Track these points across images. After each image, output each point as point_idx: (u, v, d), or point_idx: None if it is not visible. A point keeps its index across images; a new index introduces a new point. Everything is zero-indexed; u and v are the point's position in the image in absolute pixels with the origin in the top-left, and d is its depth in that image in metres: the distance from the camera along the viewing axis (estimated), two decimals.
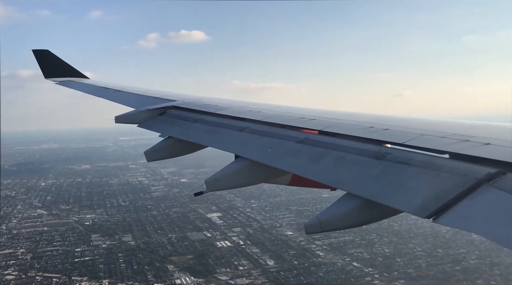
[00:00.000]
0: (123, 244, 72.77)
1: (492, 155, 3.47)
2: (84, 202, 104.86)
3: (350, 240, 74.88)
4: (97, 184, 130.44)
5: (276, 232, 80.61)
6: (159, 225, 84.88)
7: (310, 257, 67.41)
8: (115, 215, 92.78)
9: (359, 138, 4.69)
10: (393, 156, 4.02)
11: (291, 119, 6.00)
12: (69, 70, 14.58)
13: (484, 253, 67.07)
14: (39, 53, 14.32)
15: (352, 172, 4.12)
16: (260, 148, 5.36)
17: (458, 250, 69.20)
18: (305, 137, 5.14)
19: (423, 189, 3.37)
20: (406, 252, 68.79)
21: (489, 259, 64.99)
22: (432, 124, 5.03)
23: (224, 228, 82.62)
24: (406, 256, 67.20)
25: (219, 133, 6.42)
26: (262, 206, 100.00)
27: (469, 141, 3.93)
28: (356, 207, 3.78)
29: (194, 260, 65.56)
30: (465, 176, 3.26)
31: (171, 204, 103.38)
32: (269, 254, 68.62)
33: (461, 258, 66.08)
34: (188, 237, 76.62)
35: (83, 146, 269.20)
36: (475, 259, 65.20)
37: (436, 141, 4.13)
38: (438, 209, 3.05)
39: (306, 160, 4.70)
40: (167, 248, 70.98)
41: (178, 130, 7.18)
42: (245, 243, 74.26)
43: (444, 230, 79.47)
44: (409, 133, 4.52)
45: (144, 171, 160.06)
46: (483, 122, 5.01)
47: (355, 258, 66.79)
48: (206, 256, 67.29)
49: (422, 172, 3.60)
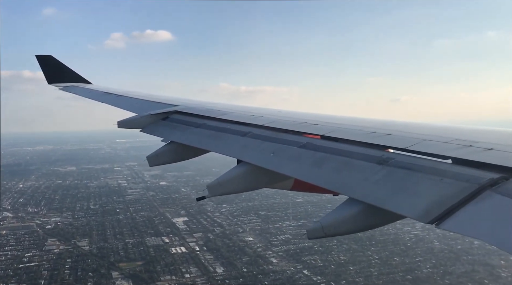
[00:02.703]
0: (76, 249, 71.80)
1: (495, 160, 3.47)
2: (55, 205, 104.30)
3: (308, 247, 73.37)
4: (75, 186, 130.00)
5: (237, 237, 79.31)
6: (121, 229, 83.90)
7: (262, 264, 65.98)
8: (81, 218, 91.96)
9: (362, 143, 4.68)
10: (395, 161, 4.01)
11: (294, 124, 6.02)
12: (72, 76, 14.80)
13: (440, 262, 65.25)
14: (43, 59, 14.51)
15: (355, 177, 4.10)
16: (262, 152, 5.39)
17: (415, 258, 67.41)
18: (307, 142, 5.15)
19: (426, 194, 3.35)
20: (361, 260, 67.06)
21: (443, 268, 63.16)
22: (435, 130, 5.00)
23: (185, 233, 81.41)
24: (360, 264, 65.51)
25: (221, 138, 6.42)
26: (232, 211, 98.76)
27: (472, 147, 3.93)
28: (358, 212, 3.78)
29: (142, 267, 64.34)
30: (468, 181, 3.25)
31: (141, 207, 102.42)
32: (221, 261, 67.29)
33: (415, 266, 64.27)
34: (145, 243, 75.48)
35: (77, 148, 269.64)
36: (430, 268, 63.34)
37: (439, 146, 4.11)
38: (441, 214, 3.05)
39: (309, 165, 4.68)
40: (120, 254, 69.88)
41: (180, 135, 7.16)
42: (201, 249, 73.00)
43: (407, 237, 77.92)
44: (411, 138, 4.50)
45: (127, 173, 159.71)
46: (486, 128, 4.99)
47: (307, 266, 65.22)
48: (156, 262, 66.06)
49: (425, 177, 3.59)
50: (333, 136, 5.13)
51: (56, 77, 14.51)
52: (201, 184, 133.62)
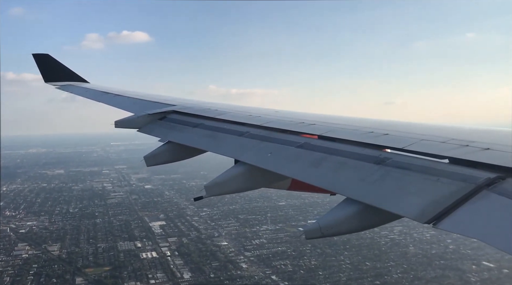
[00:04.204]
0: (45, 254, 70.84)
1: (492, 160, 3.47)
2: (34, 209, 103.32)
3: (281, 251, 72.48)
4: (59, 189, 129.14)
5: (211, 242, 78.31)
6: (96, 233, 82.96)
7: (231, 270, 64.99)
8: (57, 222, 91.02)
9: (359, 143, 4.67)
10: (393, 161, 4.02)
11: (291, 124, 6.02)
12: (69, 74, 14.72)
13: (411, 267, 64.25)
14: (39, 57, 14.44)
15: (352, 177, 4.10)
16: (260, 152, 5.38)
17: (387, 263, 66.37)
18: (304, 142, 5.15)
19: (423, 194, 3.35)
20: (332, 265, 65.99)
21: (414, 273, 62.18)
22: (432, 129, 4.99)
23: (160, 238, 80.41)
24: (330, 269, 64.44)
25: (219, 138, 6.42)
26: (212, 215, 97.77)
27: (469, 146, 3.94)
28: (356, 212, 3.76)
29: (109, 272, 63.39)
30: (465, 181, 3.27)
31: (121, 211, 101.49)
32: (190, 266, 66.27)
33: (386, 271, 63.22)
34: (116, 247, 74.55)
35: (70, 151, 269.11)
36: (400, 273, 62.32)
37: (436, 146, 4.12)
38: (438, 214, 3.05)
39: (306, 165, 4.66)
40: (88, 259, 68.88)
41: (177, 135, 7.14)
42: (173, 254, 71.98)
43: (382, 241, 76.90)
44: (409, 138, 4.50)
45: (114, 176, 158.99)
46: (482, 127, 4.99)
47: (277, 271, 64.19)
48: (124, 268, 65.11)
49: (422, 177, 3.59)
50: (331, 136, 5.14)
51: (53, 76, 14.47)
52: (186, 187, 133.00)
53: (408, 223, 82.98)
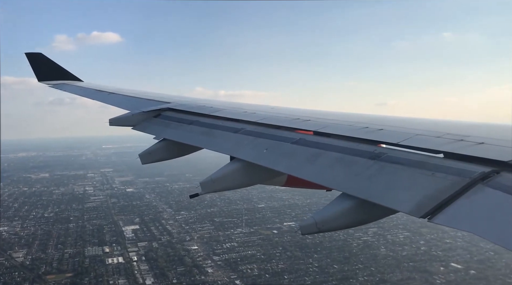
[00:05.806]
0: (9, 260, 69.49)
1: (487, 154, 3.48)
2: (9, 213, 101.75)
3: (250, 255, 71.28)
4: (39, 193, 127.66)
5: (181, 246, 77.05)
6: (66, 238, 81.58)
7: (196, 275, 63.77)
8: (29, 227, 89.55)
9: (354, 138, 4.65)
10: (388, 156, 4.01)
11: (286, 120, 6.00)
12: (63, 73, 14.60)
13: (379, 269, 63.11)
14: (32, 56, 14.32)
15: (347, 172, 4.09)
16: (255, 149, 5.37)
17: (355, 266, 65.19)
18: (300, 138, 5.15)
19: (418, 189, 3.35)
20: (299, 268, 64.78)
21: (380, 275, 61.05)
22: (427, 124, 4.95)
23: (130, 243, 79.13)
24: (297, 273, 63.25)
25: (214, 135, 6.39)
26: (187, 218, 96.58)
27: (464, 141, 3.93)
28: (351, 207, 3.77)
29: (70, 279, 62.10)
30: (460, 175, 3.27)
31: (97, 215, 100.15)
32: (155, 272, 65.05)
33: (352, 274, 62.04)
34: (83, 253, 73.23)
35: (60, 154, 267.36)
36: (366, 276, 61.19)
37: (430, 141, 4.10)
38: (433, 208, 3.06)
39: (302, 161, 4.65)
40: (52, 265, 67.52)
41: (173, 133, 7.07)
42: (140, 259, 70.71)
43: (354, 243, 75.76)
44: (403, 133, 4.49)
45: (98, 179, 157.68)
46: (477, 122, 5.02)
47: (242, 275, 63.01)
48: (86, 274, 63.81)
49: (417, 172, 3.59)
50: (326, 132, 5.13)
51: (46, 75, 14.38)
52: (168, 190, 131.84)
53: (384, 224, 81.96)
